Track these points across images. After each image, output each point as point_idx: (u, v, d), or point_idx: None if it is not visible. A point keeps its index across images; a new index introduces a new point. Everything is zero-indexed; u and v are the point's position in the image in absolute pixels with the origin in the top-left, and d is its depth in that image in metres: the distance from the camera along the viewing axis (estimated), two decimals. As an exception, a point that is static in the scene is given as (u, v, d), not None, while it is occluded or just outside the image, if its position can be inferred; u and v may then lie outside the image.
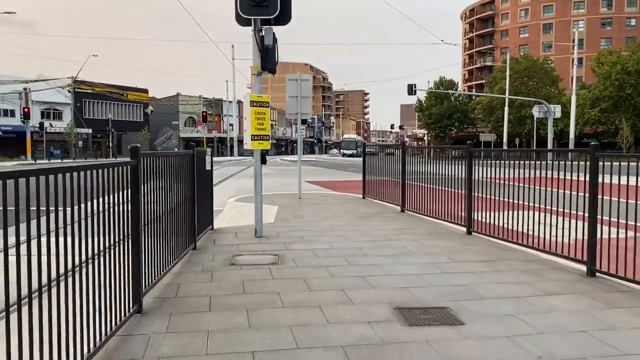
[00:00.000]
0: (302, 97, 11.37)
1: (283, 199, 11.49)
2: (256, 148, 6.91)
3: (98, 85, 61.82)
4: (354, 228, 7.65)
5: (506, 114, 54.63)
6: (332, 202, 11.06)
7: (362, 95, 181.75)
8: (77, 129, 57.31)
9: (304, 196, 11.92)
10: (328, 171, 26.08)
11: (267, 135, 7.00)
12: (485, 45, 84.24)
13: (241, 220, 8.83)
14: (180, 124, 78.85)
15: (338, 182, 18.06)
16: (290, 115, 11.48)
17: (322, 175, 21.82)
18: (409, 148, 9.78)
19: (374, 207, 10.19)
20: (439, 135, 70.19)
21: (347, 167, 31.70)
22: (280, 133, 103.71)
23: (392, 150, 10.69)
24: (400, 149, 9.58)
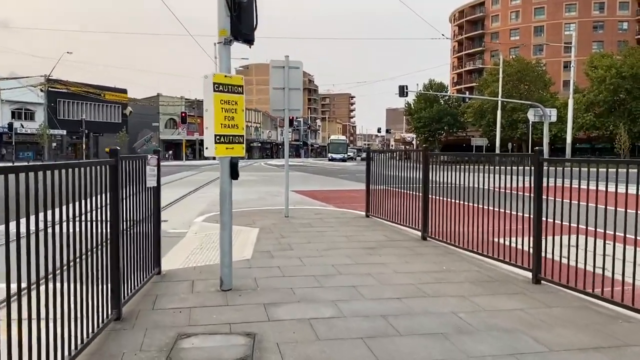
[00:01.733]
0: (291, 89, 9.03)
1: (266, 218, 9.12)
2: (223, 155, 4.56)
3: (73, 84, 58.83)
4: (367, 270, 5.33)
5: (499, 117, 52.84)
6: (329, 222, 8.72)
7: (348, 99, 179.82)
8: (51, 130, 54.27)
9: (293, 213, 9.58)
10: (317, 178, 23.71)
11: (240, 135, 4.66)
12: (474, 48, 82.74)
13: (207, 254, 6.45)
14: (160, 126, 75.97)
15: (331, 192, 15.72)
16: (276, 111, 9.13)
17: (311, 183, 19.47)
18: (434, 154, 7.48)
19: (383, 230, 7.87)
20: (427, 139, 68.33)
21: (337, 173, 29.40)
22: (265, 136, 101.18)
23: (405, 156, 8.39)
24: (420, 155, 7.26)
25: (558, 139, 54.61)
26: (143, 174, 4.59)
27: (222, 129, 4.52)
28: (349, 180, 21.84)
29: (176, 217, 9.62)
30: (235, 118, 4.64)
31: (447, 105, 66.59)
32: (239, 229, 7.97)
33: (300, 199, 13.12)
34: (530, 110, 47.24)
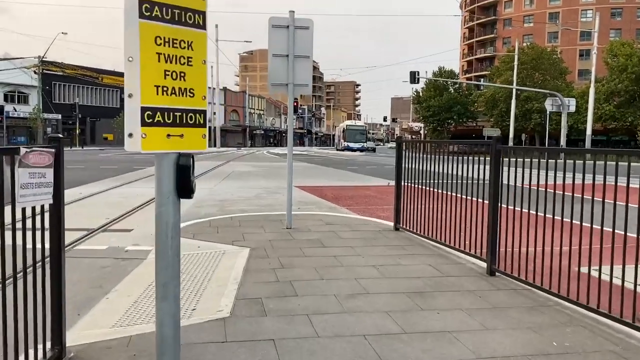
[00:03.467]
0: (297, 58, 6.69)
1: (261, 229, 6.83)
2: (159, 149, 2.27)
3: (69, 66, 56.46)
4: (426, 345, 3.05)
5: (513, 106, 50.34)
6: (346, 238, 6.41)
7: (353, 87, 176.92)
8: (45, 114, 52.02)
9: (297, 221, 7.28)
10: (324, 170, 21.30)
11: (199, 111, 2.37)
12: (486, 35, 79.80)
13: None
14: (160, 112, 73.49)
15: (341, 189, 13.39)
16: (276, 87, 6.78)
17: (317, 176, 17.12)
18: (509, 148, 5.12)
19: (426, 255, 5.57)
20: (436, 129, 65.84)
21: (344, 164, 27.03)
22: (269, 123, 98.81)
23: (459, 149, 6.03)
24: (493, 147, 4.88)
25: (574, 130, 52.09)
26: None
27: (158, 98, 2.23)
28: (358, 173, 19.49)
29: (145, 225, 7.34)
30: (189, 75, 2.34)
31: (458, 94, 63.93)
32: (221, 249, 5.70)
33: (306, 198, 10.82)
34: (547, 99, 44.65)
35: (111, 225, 7.41)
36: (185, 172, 2.37)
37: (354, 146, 58.88)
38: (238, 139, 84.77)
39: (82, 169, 19.26)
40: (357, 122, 68.18)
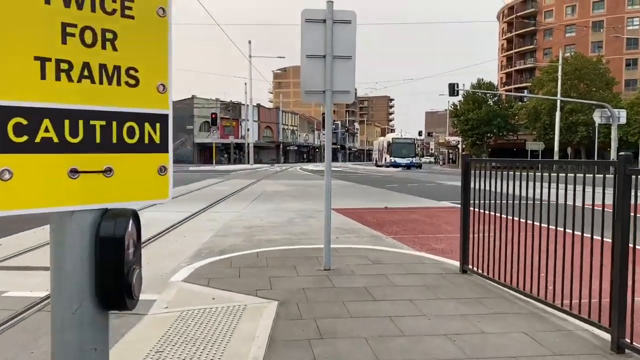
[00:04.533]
0: (336, 59, 5.41)
1: (292, 272, 5.51)
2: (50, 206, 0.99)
3: (104, 85, 57.01)
4: None
5: (557, 119, 47.87)
6: (400, 285, 5.02)
7: (387, 101, 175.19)
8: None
9: (337, 261, 5.93)
10: (361, 189, 19.86)
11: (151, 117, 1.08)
12: (525, 46, 77.30)
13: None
14: (195, 129, 73.90)
15: (383, 211, 12.00)
16: (310, 95, 5.51)
17: (354, 197, 15.74)
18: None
19: (515, 318, 4.13)
20: (475, 142, 63.58)
21: (382, 182, 25.55)
22: (302, 139, 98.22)
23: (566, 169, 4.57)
24: (620, 170, 3.42)
25: (623, 142, 49.19)
26: None
27: (43, 86, 0.94)
28: (399, 192, 18.00)
29: (153, 263, 6.13)
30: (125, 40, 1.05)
31: (497, 107, 61.65)
32: (242, 302, 4.40)
33: (344, 224, 9.47)
34: (596, 111, 42.16)
35: (117, 262, 6.22)
36: (115, 253, 1.08)
37: (402, 162, 52.35)
38: (271, 155, 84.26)
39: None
40: (404, 135, 58.91)
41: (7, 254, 6.48)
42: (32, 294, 4.89)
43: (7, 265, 6.02)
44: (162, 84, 1.14)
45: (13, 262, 6.16)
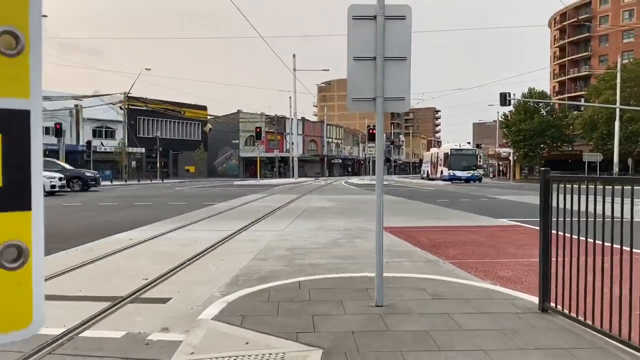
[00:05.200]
0: (388, 60, 4.66)
1: (339, 313, 4.72)
2: None
3: (152, 101, 58.30)
4: None
5: (617, 129, 45.28)
6: (470, 332, 4.16)
7: (432, 113, 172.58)
8: (130, 149, 53.60)
9: (390, 294, 5.11)
10: (410, 205, 18.84)
11: None
12: (579, 53, 74.19)
13: None
14: (240, 143, 74.60)
15: (437, 230, 11.08)
16: (357, 103, 4.77)
17: (404, 213, 14.81)
18: None
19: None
20: (528, 154, 61.16)
21: (433, 196, 24.46)
22: (347, 152, 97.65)
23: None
24: None
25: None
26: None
27: None
28: (453, 208, 16.92)
29: (185, 293, 5.51)
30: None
31: (550, 116, 59.15)
32: (279, 350, 3.67)
33: (395, 245, 8.62)
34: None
35: (145, 292, 5.64)
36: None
37: (462, 175, 47.10)
38: (316, 168, 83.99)
39: (148, 206, 18.22)
40: (465, 145, 52.98)
41: (31, 280, 6.00)
42: (47, 330, 4.32)
43: (27, 294, 5.52)
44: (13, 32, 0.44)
45: (35, 290, 5.66)
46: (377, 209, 4.88)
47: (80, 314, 4.70)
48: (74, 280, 6.16)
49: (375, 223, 4.93)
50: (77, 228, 11.64)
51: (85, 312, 4.76)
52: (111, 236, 9.86)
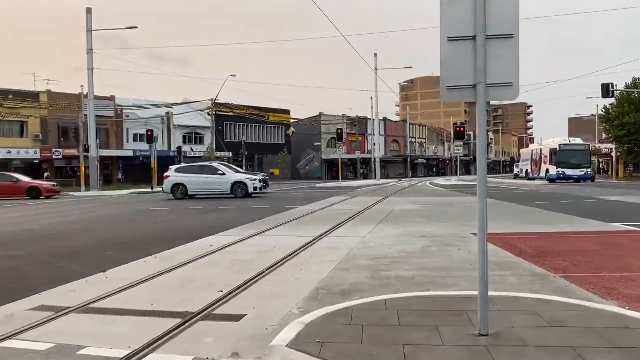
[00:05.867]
0: (491, 38, 3.88)
1: (436, 343, 3.96)
2: None
3: (238, 107, 59.86)
4: None
5: None
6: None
7: (524, 109, 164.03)
8: (217, 153, 55.26)
9: (496, 319, 4.28)
10: (507, 208, 17.35)
11: None
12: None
13: None
14: (322, 145, 74.84)
15: (540, 237, 9.91)
16: (454, 91, 4.00)
17: (500, 217, 13.56)
18: None
19: None
20: (633, 150, 55.95)
21: (528, 197, 22.67)
22: (431, 152, 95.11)
23: None
24: None
25: None
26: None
27: None
28: (553, 211, 15.38)
29: (260, 309, 5.02)
30: None
31: (660, 109, 53.70)
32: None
33: (495, 255, 7.63)
34: None
35: (219, 307, 5.20)
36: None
37: (573, 174, 41.48)
38: (399, 169, 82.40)
39: (232, 210, 18.24)
40: (575, 140, 47.09)
41: (105, 292, 5.78)
42: (112, 352, 3.96)
43: (99, 306, 5.27)
44: None
45: (108, 302, 5.41)
46: (480, 214, 4.08)
47: (148, 333, 4.32)
48: (147, 292, 5.88)
49: (478, 232, 4.12)
50: (157, 232, 11.68)
51: (153, 330, 4.38)
52: (193, 242, 9.69)
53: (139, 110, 51.52)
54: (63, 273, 7.14)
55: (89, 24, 34.31)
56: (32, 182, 30.38)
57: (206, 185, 24.97)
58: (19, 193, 28.64)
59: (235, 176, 25.33)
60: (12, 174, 31.40)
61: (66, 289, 6.12)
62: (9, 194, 28.46)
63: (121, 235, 11.54)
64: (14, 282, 6.72)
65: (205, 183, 24.95)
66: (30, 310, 5.17)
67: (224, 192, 24.93)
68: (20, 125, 47.41)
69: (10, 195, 28.46)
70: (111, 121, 51.48)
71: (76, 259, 8.36)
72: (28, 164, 45.42)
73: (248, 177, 25.73)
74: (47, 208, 21.42)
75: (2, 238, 11.32)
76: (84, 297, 5.56)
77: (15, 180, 29.42)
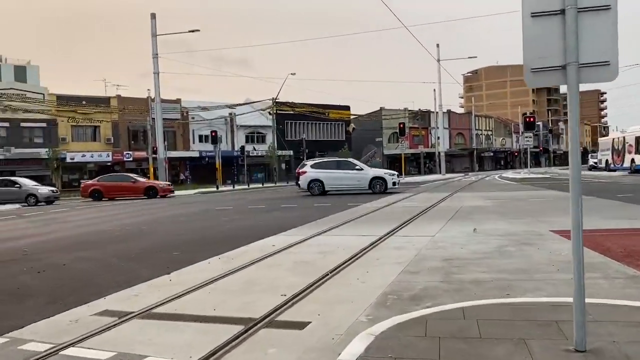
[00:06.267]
0: (583, 11, 3.37)
1: (521, 359, 3.51)
2: None
3: (298, 105, 60.16)
4: None
5: None
6: None
7: (597, 95, 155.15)
8: (279, 151, 55.83)
9: (593, 327, 3.78)
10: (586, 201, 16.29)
11: None
12: None
13: None
14: (384, 141, 73.95)
15: (627, 234, 9.04)
16: (540, 73, 3.52)
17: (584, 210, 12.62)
18: None
19: None
20: None
21: (609, 190, 21.15)
22: (498, 144, 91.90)
23: None
24: None
25: None
26: None
27: None
28: (638, 204, 14.18)
29: (325, 316, 4.73)
30: None
31: None
32: None
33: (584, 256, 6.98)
34: None
35: (282, 312, 4.95)
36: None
37: None
38: (465, 163, 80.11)
39: (294, 208, 18.13)
40: None
41: (168, 295, 5.69)
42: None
43: (161, 311, 5.16)
44: None
45: (171, 307, 5.30)
46: (573, 212, 3.58)
47: (210, 341, 4.13)
48: (210, 296, 5.73)
49: (572, 231, 3.62)
50: (221, 233, 11.69)
51: (215, 338, 4.19)
52: (256, 242, 9.57)
53: (203, 111, 52.87)
54: (133, 274, 7.16)
55: (153, 29, 35.40)
56: (149, 182, 32.70)
57: (344, 180, 24.25)
58: (137, 192, 30.65)
59: (373, 171, 24.63)
60: (131, 175, 33.72)
61: (130, 292, 6.09)
62: (129, 193, 30.63)
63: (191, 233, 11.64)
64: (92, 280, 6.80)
65: (343, 178, 24.25)
66: (95, 315, 5.14)
67: (361, 188, 24.07)
68: (93, 129, 49.88)
69: (129, 194, 30.61)
70: (177, 123, 53.15)
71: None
72: (101, 167, 47.69)
73: (387, 172, 25.06)
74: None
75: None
76: (147, 301, 5.49)
77: (133, 180, 31.47)
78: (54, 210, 24.00)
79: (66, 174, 47.62)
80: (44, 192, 29.34)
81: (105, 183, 31.20)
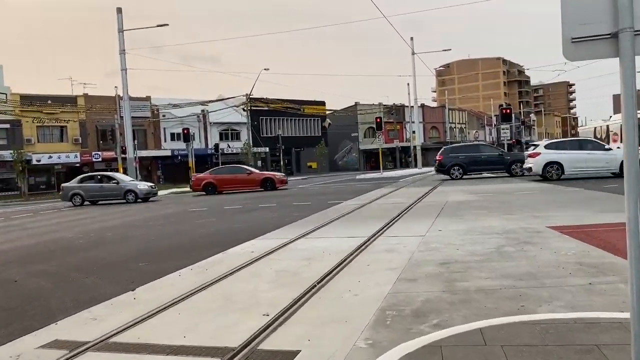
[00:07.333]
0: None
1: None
2: None
3: (273, 101, 59.17)
4: None
5: None
6: None
7: (565, 88, 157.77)
8: (255, 148, 54.83)
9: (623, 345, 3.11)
10: (574, 193, 15.96)
11: None
12: None
13: None
14: (359, 136, 73.52)
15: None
16: (583, 43, 2.84)
17: (572, 204, 12.18)
18: None
19: None
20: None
21: (593, 181, 20.87)
22: (472, 137, 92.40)
23: None
24: None
25: None
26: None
27: None
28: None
29: (315, 341, 3.99)
30: None
31: None
32: None
33: (587, 256, 6.37)
34: None
35: (265, 338, 4.19)
36: None
37: None
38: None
39: (272, 208, 17.35)
40: None
41: (132, 318, 4.87)
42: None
43: (122, 340, 4.35)
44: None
45: (133, 334, 4.48)
46: (628, 207, 2.90)
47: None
48: (180, 317, 4.94)
49: (627, 235, 2.94)
50: (194, 239, 10.87)
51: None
52: (232, 248, 8.77)
53: (174, 109, 51.48)
54: (93, 292, 6.30)
55: (119, 24, 34.03)
56: (265, 173, 31.29)
57: (589, 163, 20.63)
58: (253, 184, 28.94)
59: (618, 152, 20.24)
60: (246, 167, 31.96)
61: (87, 315, 5.25)
62: (244, 185, 29.00)
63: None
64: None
65: (587, 160, 20.64)
66: (41, 348, 4.30)
67: (609, 171, 20.58)
68: (60, 130, 48.06)
69: (245, 187, 28.98)
70: (148, 121, 51.63)
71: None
72: (69, 168, 45.98)
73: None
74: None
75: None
76: (106, 327, 4.67)
77: (248, 172, 29.86)
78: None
79: (32, 176, 45.78)
80: (143, 189, 27.06)
81: (219, 176, 29.46)
